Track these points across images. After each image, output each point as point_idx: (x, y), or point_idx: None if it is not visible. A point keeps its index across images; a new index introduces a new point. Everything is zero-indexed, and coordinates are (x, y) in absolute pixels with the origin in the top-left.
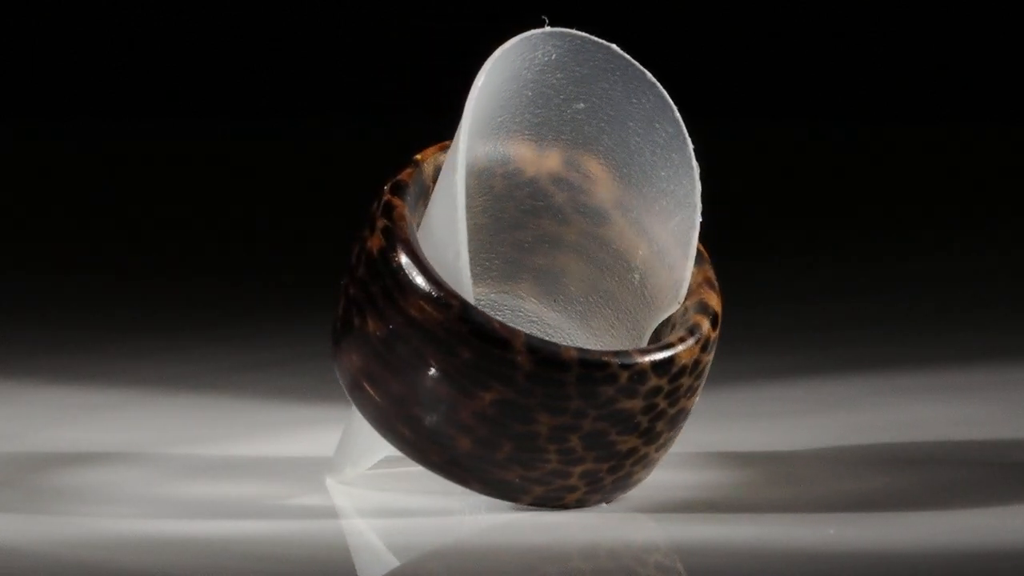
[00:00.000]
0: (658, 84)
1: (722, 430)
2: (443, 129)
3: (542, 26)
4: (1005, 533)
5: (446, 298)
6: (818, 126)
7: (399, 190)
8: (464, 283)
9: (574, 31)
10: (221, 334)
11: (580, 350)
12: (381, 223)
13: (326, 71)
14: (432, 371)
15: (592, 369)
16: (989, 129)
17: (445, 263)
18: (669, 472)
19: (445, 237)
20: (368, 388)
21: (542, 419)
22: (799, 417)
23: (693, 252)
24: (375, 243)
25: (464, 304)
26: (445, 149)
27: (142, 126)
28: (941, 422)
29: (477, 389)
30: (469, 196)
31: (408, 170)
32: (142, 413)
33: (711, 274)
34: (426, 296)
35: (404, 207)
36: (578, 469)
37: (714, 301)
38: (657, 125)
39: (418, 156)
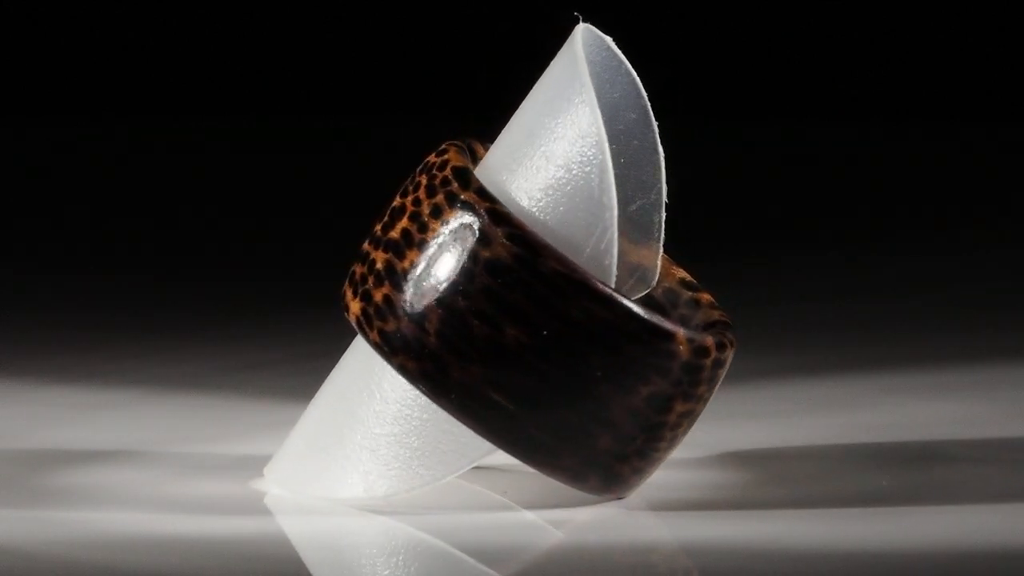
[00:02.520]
0: (633, 72)
1: (722, 430)
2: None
3: (576, 22)
4: (1005, 533)
5: (612, 297)
6: (818, 126)
7: (485, 195)
8: (611, 276)
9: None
10: (221, 334)
11: (712, 336)
12: (503, 230)
13: (332, 71)
14: (591, 371)
15: (721, 352)
16: (989, 129)
17: (579, 259)
18: (669, 472)
19: (578, 233)
20: (496, 396)
21: (676, 407)
22: (799, 417)
23: (658, 235)
24: (502, 251)
25: (630, 302)
26: (461, 147)
27: (143, 125)
28: (941, 422)
29: (637, 384)
30: None
31: (462, 169)
32: (142, 413)
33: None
34: (592, 296)
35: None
36: (666, 457)
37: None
38: (622, 113)
39: (457, 161)
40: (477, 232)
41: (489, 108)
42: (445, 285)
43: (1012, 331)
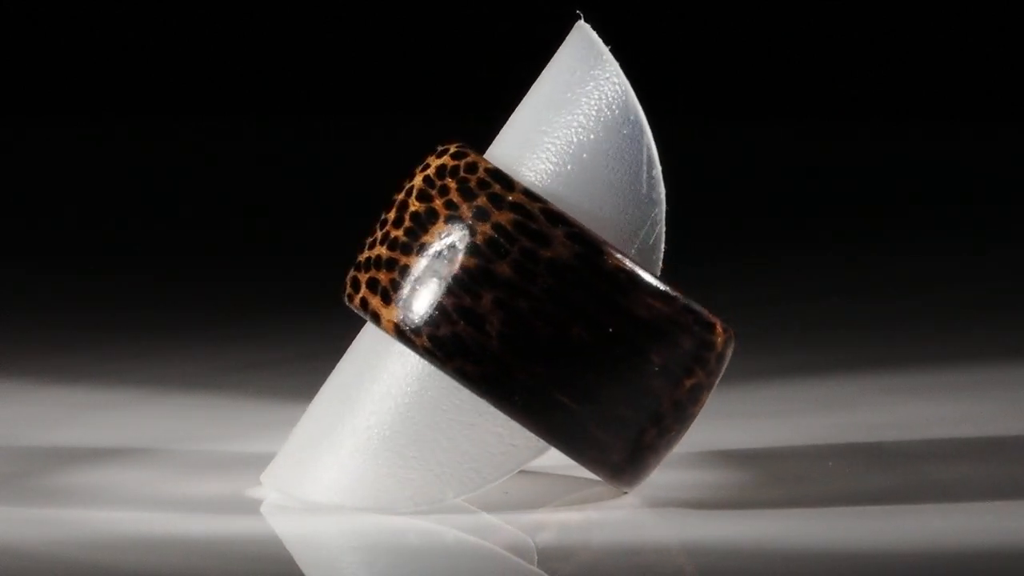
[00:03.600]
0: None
1: (722, 430)
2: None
3: (577, 20)
4: (1005, 533)
5: (668, 291)
6: (817, 125)
7: (533, 195)
8: (658, 270)
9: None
10: (221, 334)
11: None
12: (562, 230)
13: (332, 71)
14: (651, 366)
15: (735, 342)
16: (989, 128)
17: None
18: (668, 472)
19: (626, 229)
20: (559, 396)
21: (704, 398)
22: (798, 417)
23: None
24: (563, 250)
25: (682, 295)
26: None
27: (143, 125)
28: (941, 421)
29: (684, 377)
30: None
31: (497, 170)
32: (142, 413)
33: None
34: (653, 292)
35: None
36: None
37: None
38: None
39: (486, 163)
40: (533, 233)
41: (490, 108)
42: (505, 287)
43: (1012, 331)
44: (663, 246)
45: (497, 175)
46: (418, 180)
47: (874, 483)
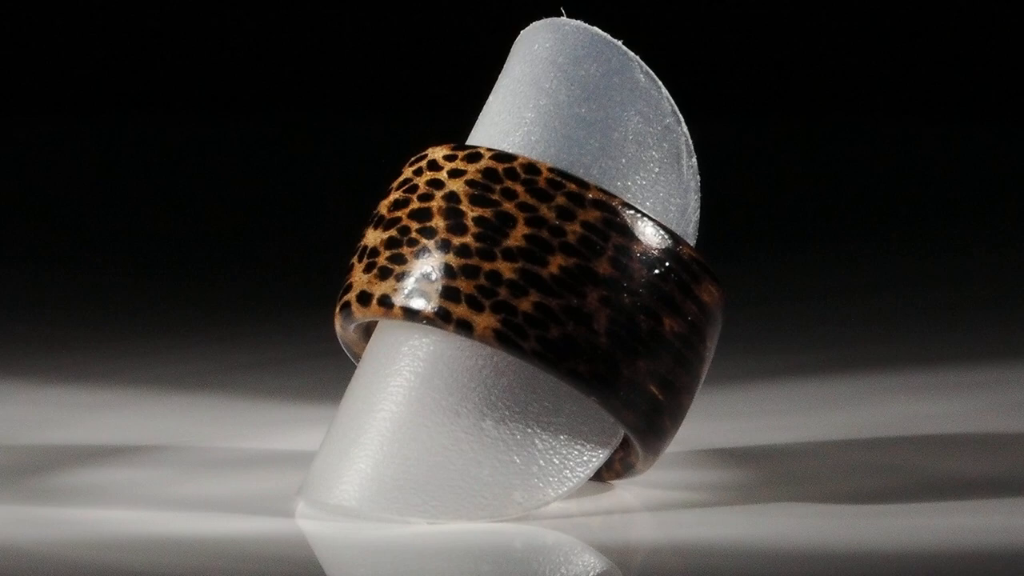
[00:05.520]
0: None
1: (720, 429)
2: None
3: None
4: (1005, 532)
5: (716, 276)
6: (816, 124)
7: (607, 191)
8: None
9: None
10: (222, 334)
11: None
12: (648, 224)
13: (332, 71)
14: (708, 351)
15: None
16: (989, 128)
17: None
18: (668, 471)
19: (675, 218)
20: (653, 389)
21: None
22: (797, 416)
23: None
24: (650, 243)
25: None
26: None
27: (142, 123)
28: (941, 421)
29: (710, 357)
30: None
31: (562, 170)
32: (143, 413)
33: None
34: (712, 277)
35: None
36: None
37: None
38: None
39: (546, 163)
40: (620, 227)
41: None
42: (607, 283)
43: (1012, 331)
44: (696, 232)
45: (564, 174)
46: (457, 185)
47: (874, 483)
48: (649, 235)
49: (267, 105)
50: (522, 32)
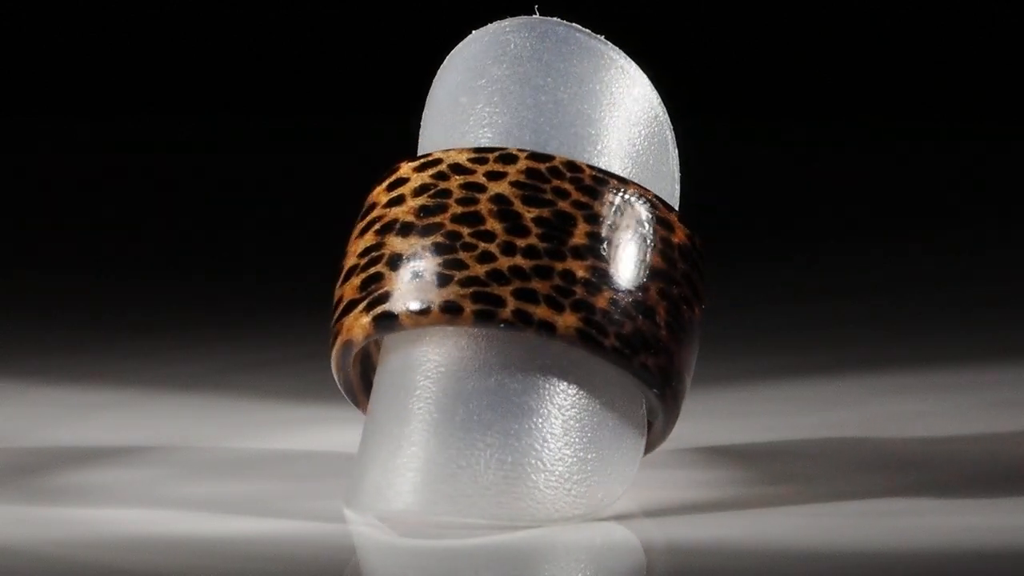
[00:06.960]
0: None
1: (719, 429)
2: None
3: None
4: (1004, 533)
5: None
6: (815, 125)
7: (641, 185)
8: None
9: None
10: (221, 334)
11: None
12: (676, 215)
13: (330, 71)
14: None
15: None
16: (987, 129)
17: None
18: (667, 471)
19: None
20: (685, 376)
21: None
22: (797, 416)
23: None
24: (682, 233)
25: None
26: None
27: (141, 124)
28: (939, 421)
29: None
30: None
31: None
32: (142, 413)
33: None
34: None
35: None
36: None
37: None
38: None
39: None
40: (661, 220)
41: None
42: (660, 277)
43: (1012, 331)
44: None
45: (604, 171)
46: (502, 187)
47: (874, 483)
48: (679, 227)
49: (267, 105)
50: (467, 38)
